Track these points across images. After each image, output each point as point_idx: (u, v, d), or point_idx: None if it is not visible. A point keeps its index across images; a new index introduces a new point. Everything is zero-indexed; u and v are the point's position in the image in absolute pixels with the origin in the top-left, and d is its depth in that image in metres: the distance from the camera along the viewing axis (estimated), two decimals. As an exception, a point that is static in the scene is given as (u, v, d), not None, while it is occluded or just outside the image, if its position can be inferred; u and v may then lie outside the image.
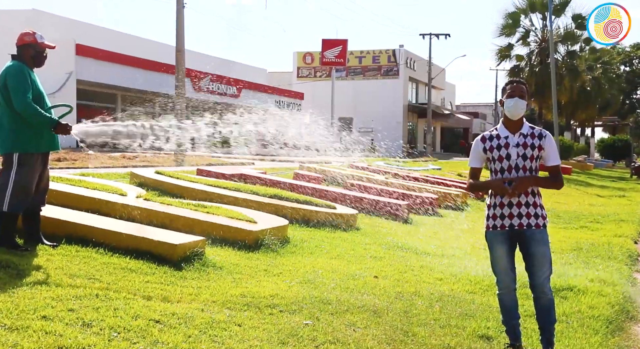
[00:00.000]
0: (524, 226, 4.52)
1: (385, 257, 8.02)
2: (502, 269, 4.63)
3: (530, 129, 4.59)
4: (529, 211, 4.52)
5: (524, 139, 4.54)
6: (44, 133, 5.80)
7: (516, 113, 4.55)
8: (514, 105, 4.53)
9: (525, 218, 4.51)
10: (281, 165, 19.58)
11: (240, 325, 4.69)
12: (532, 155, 4.50)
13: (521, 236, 4.53)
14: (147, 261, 6.02)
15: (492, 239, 4.62)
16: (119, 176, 11.44)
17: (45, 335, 3.95)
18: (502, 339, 4.98)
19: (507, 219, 4.54)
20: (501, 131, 4.60)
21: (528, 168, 4.50)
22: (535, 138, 4.55)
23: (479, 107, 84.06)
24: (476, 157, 4.71)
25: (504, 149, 4.53)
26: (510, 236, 4.56)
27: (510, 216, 4.53)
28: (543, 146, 4.55)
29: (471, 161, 4.75)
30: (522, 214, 4.52)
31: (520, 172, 4.50)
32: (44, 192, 6.08)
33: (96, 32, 31.83)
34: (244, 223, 7.75)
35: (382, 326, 5.06)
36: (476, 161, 4.72)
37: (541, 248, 4.49)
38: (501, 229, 4.56)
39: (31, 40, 5.84)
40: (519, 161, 4.50)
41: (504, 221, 4.55)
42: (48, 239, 6.08)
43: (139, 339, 4.14)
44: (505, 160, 4.52)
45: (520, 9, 36.27)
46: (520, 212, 4.52)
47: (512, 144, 4.53)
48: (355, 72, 55.66)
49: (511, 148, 4.52)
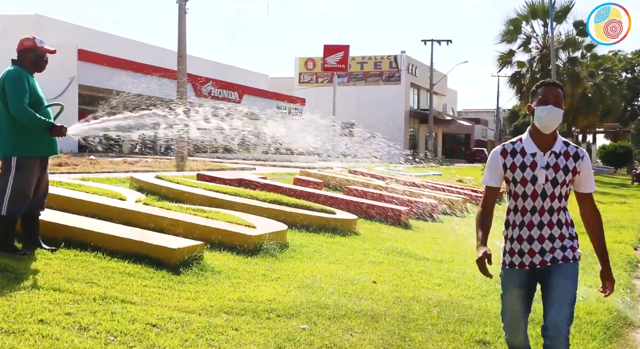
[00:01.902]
0: (547, 263, 3.59)
1: (384, 263, 8.02)
2: (514, 317, 3.72)
3: (564, 146, 3.59)
4: (554, 245, 3.60)
5: (556, 159, 3.56)
6: (44, 138, 5.82)
7: (549, 125, 3.54)
8: (547, 115, 3.52)
9: (549, 254, 3.59)
10: (282, 170, 19.60)
11: (237, 329, 4.70)
12: (564, 180, 3.55)
13: (543, 272, 3.61)
14: (145, 265, 6.03)
15: (506, 279, 3.74)
16: (119, 181, 11.46)
17: (42, 339, 3.95)
18: (499, 344, 4.98)
19: (527, 256, 3.61)
20: (528, 146, 3.59)
21: (557, 196, 3.57)
22: (570, 159, 3.57)
23: (481, 113, 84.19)
24: (494, 174, 3.68)
25: (529, 169, 3.55)
26: (530, 276, 3.66)
27: (531, 253, 3.60)
28: (579, 169, 3.58)
29: (487, 178, 3.72)
30: (545, 249, 3.59)
31: (547, 201, 3.56)
32: (43, 197, 6.09)
33: (98, 37, 31.97)
34: (243, 228, 7.75)
35: (380, 331, 5.06)
36: (493, 178, 3.69)
37: (564, 281, 3.52)
38: (520, 267, 3.64)
39: (31, 44, 5.87)
40: (547, 187, 3.55)
41: (524, 258, 3.62)
42: (47, 243, 6.09)
43: (135, 343, 4.14)
44: (529, 184, 3.56)
45: (521, 16, 36.32)
46: (544, 247, 3.59)
47: (540, 165, 3.54)
48: (357, 77, 55.77)
49: (539, 170, 3.54)
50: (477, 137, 73.94)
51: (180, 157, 19.22)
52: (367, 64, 56.06)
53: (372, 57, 56.24)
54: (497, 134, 75.80)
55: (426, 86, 54.36)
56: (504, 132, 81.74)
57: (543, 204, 3.56)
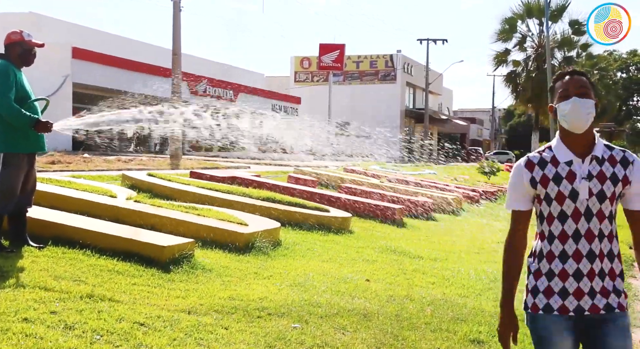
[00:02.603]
0: (600, 310, 2.68)
1: (378, 261, 7.94)
2: None
3: (607, 150, 2.77)
4: (605, 284, 2.69)
5: (600, 167, 2.72)
6: (30, 134, 5.72)
7: (578, 122, 2.71)
8: (571, 109, 2.71)
9: (601, 297, 2.68)
10: (276, 169, 19.51)
11: (227, 328, 4.61)
12: (613, 193, 2.72)
13: (591, 324, 2.70)
14: (134, 263, 5.94)
15: (544, 331, 2.72)
16: (111, 178, 11.35)
17: (25, 338, 3.86)
18: (493, 344, 4.91)
19: (573, 298, 2.68)
20: (559, 153, 2.76)
21: (607, 215, 2.74)
22: (618, 165, 2.74)
23: (477, 113, 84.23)
24: (519, 194, 2.81)
25: (566, 182, 2.70)
26: (574, 327, 2.71)
27: (578, 294, 2.68)
28: (630, 177, 2.74)
29: (511, 200, 2.84)
30: (594, 290, 2.68)
31: (594, 221, 2.70)
32: (31, 193, 5.99)
33: (93, 35, 31.78)
34: (234, 226, 7.66)
35: (372, 330, 4.98)
36: (520, 199, 2.81)
37: (621, 342, 2.68)
38: (562, 313, 2.69)
39: (18, 38, 5.77)
40: (593, 203, 2.69)
41: (567, 300, 2.68)
42: (35, 240, 5.99)
43: (122, 343, 4.05)
44: (569, 200, 2.69)
45: (517, 15, 36.28)
46: (593, 287, 2.68)
47: (580, 175, 2.70)
48: (352, 76, 55.70)
49: (579, 181, 2.69)
50: (472, 136, 73.97)
51: (175, 156, 19.12)
52: (362, 63, 55.97)
53: (367, 56, 56.15)
54: (493, 134, 75.90)
55: (422, 85, 54.30)
56: (499, 131, 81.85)
57: (589, 226, 2.70)
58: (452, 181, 21.24)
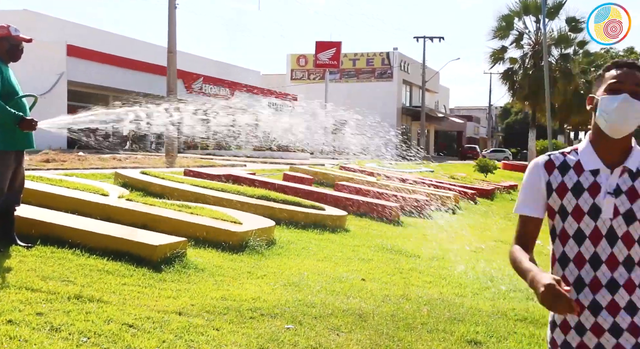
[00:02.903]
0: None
1: (373, 260, 7.84)
2: None
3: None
4: (636, 320, 2.21)
5: (632, 182, 2.23)
6: (16, 131, 5.59)
7: (621, 126, 2.23)
8: (619, 107, 2.22)
9: (629, 335, 2.20)
10: (272, 167, 19.40)
11: (218, 329, 4.50)
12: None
13: None
14: (125, 262, 5.82)
15: None
16: (103, 177, 11.22)
17: (10, 340, 3.74)
18: (491, 344, 4.81)
19: (591, 334, 2.23)
20: (585, 159, 2.30)
21: (637, 239, 2.22)
22: None
23: (473, 110, 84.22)
24: (530, 197, 2.34)
25: (587, 194, 2.25)
26: None
27: (597, 331, 2.23)
28: None
29: (521, 204, 2.36)
30: (620, 326, 2.21)
31: (619, 245, 2.22)
32: (19, 191, 5.86)
33: (88, 33, 31.58)
34: (228, 224, 7.55)
35: (367, 331, 4.87)
36: (530, 204, 2.34)
37: None
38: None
39: (5, 33, 5.64)
40: (618, 225, 2.22)
41: (585, 337, 2.24)
42: (23, 239, 5.87)
43: (109, 345, 3.94)
44: (587, 217, 2.24)
45: (513, 12, 36.18)
46: (618, 322, 2.21)
47: (606, 188, 2.23)
48: (349, 74, 55.59)
49: (603, 196, 2.23)
50: (469, 134, 73.95)
51: (170, 154, 18.99)
52: (359, 61, 55.87)
53: (364, 54, 56.05)
54: (489, 131, 75.88)
55: (418, 83, 54.23)
56: (496, 129, 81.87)
57: (612, 251, 2.21)
58: (449, 178, 21.17)
